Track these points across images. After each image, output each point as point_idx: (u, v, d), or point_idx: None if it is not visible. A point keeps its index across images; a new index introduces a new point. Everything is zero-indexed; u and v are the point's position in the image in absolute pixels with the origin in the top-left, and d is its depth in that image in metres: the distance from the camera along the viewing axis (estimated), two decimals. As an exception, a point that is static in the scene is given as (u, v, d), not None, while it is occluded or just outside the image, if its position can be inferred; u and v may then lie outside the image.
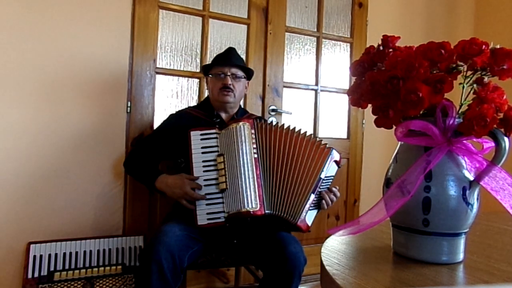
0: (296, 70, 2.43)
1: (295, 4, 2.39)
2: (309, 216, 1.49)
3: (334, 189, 1.55)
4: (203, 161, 1.52)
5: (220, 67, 1.72)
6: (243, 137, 1.50)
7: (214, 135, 1.54)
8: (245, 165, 1.47)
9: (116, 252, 1.78)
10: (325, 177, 1.52)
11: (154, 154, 1.72)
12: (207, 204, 1.48)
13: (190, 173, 1.52)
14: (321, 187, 1.51)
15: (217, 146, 1.53)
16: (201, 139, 1.53)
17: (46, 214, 1.77)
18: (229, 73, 1.71)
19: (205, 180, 1.50)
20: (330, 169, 1.54)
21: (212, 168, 1.51)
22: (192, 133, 1.54)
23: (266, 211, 1.45)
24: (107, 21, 1.87)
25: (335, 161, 1.56)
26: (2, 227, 1.70)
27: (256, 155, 1.50)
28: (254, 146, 1.51)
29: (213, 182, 1.50)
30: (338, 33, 2.55)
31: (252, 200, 1.43)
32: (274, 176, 1.50)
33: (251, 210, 1.42)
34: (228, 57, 1.75)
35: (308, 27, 2.45)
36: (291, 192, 1.49)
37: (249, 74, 1.81)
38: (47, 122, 1.76)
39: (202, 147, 1.53)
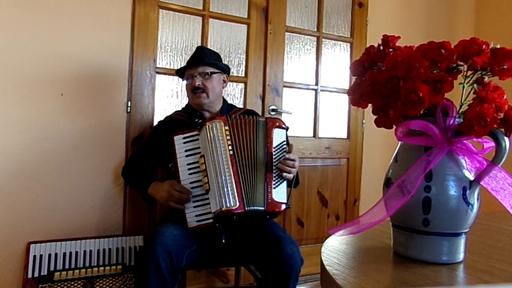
0: (296, 70, 2.43)
1: (295, 4, 2.39)
2: (277, 195, 1.46)
3: (287, 155, 1.51)
4: (188, 164, 1.53)
5: (188, 70, 1.71)
6: (217, 135, 1.49)
7: (196, 137, 1.54)
8: (222, 163, 1.46)
9: (116, 252, 1.78)
10: (275, 148, 1.51)
11: (147, 163, 1.75)
12: (195, 206, 1.49)
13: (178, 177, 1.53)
14: (275, 161, 1.49)
15: (199, 147, 1.53)
16: (184, 143, 1.54)
17: (46, 214, 1.77)
18: (196, 74, 1.68)
19: (191, 182, 1.51)
20: (276, 138, 1.53)
21: (196, 170, 1.51)
22: (175, 138, 1.55)
23: (248, 208, 1.42)
24: (107, 21, 1.87)
25: (277, 127, 1.55)
26: (2, 227, 1.70)
27: (232, 152, 1.48)
28: (229, 143, 1.49)
29: (199, 183, 1.50)
30: (338, 33, 2.55)
31: (231, 198, 1.41)
32: (249, 170, 1.48)
33: (230, 209, 1.40)
34: (195, 58, 1.73)
35: (308, 27, 2.45)
36: (256, 182, 1.46)
37: (222, 67, 1.75)
38: (46, 122, 1.76)
39: (186, 150, 1.54)
